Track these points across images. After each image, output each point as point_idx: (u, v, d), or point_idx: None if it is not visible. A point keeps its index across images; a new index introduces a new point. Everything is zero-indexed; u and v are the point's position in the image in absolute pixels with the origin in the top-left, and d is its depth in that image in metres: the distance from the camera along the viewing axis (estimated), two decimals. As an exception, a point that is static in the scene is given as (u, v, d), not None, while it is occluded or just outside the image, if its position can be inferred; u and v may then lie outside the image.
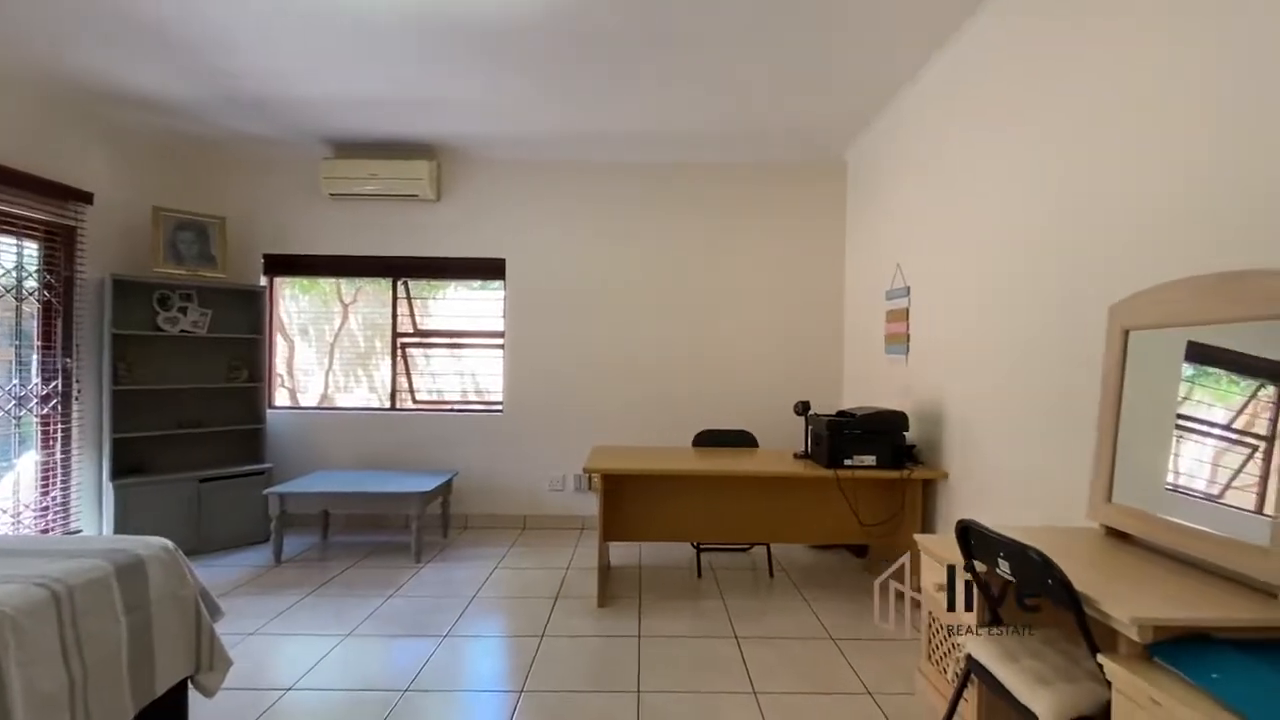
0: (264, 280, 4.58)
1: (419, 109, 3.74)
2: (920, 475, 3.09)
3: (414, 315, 4.76)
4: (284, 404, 4.73)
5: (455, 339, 4.76)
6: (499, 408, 4.67)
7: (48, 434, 3.54)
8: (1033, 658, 1.53)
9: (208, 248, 4.16)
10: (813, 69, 3.16)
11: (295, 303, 4.79)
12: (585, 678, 2.45)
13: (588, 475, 4.40)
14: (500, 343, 4.68)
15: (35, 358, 3.49)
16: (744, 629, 2.89)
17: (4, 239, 3.33)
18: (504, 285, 4.64)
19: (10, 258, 3.37)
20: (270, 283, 4.64)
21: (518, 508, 4.60)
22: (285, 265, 4.63)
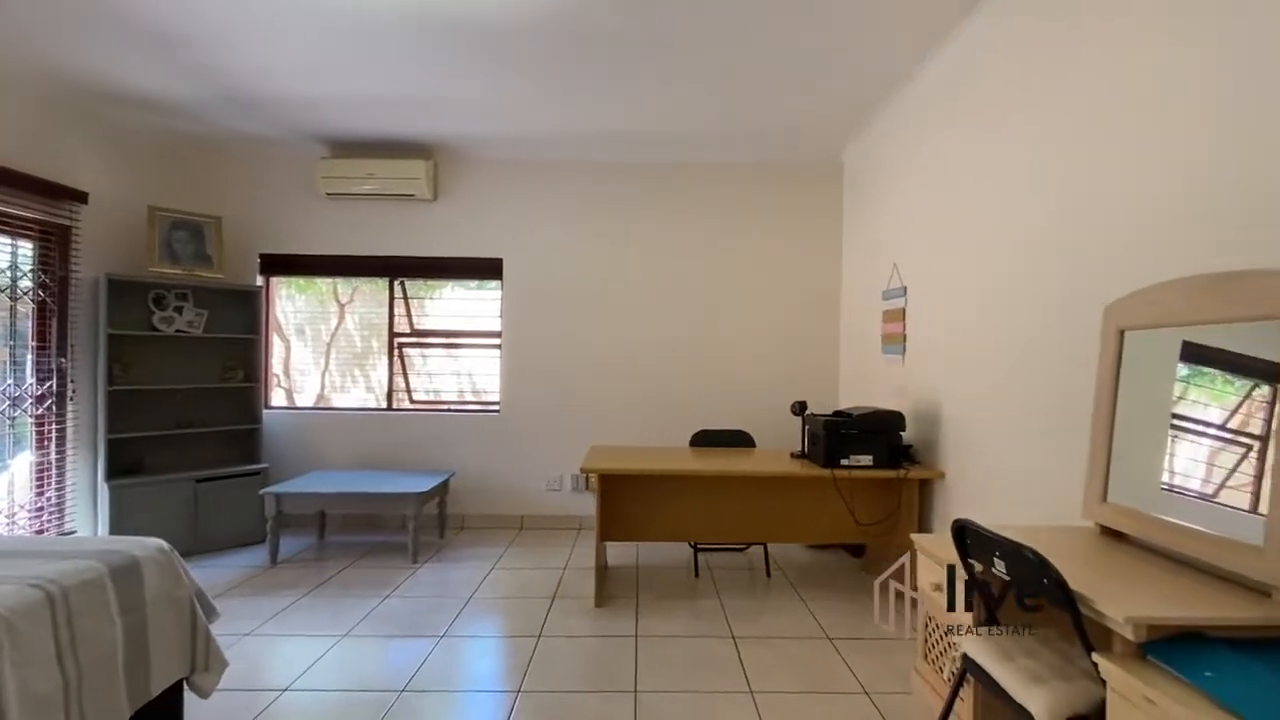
0: (260, 280, 4.57)
1: (418, 109, 3.74)
2: (917, 475, 3.10)
3: (411, 315, 4.75)
4: (280, 404, 4.72)
5: (452, 339, 4.76)
6: (496, 408, 4.67)
7: (42, 434, 3.53)
8: (1028, 656, 1.53)
9: (203, 247, 4.14)
10: (812, 69, 3.17)
11: (292, 302, 4.78)
12: (582, 678, 2.45)
13: (585, 475, 4.41)
14: (497, 343, 4.68)
15: (30, 358, 3.48)
16: (741, 629, 2.89)
17: (-2, 238, 3.32)
18: (501, 285, 4.64)
19: (4, 257, 3.35)
20: (266, 282, 4.63)
21: (515, 508, 4.60)
22: (282, 265, 4.62)
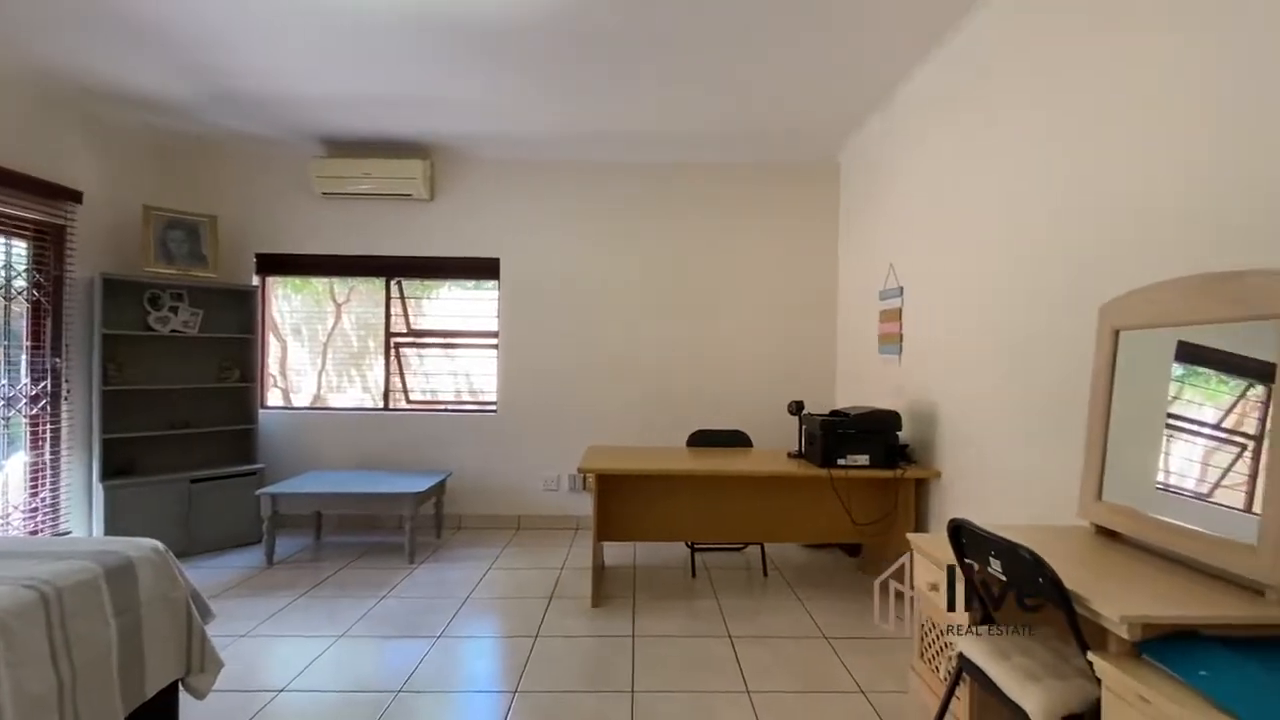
0: (256, 280, 4.56)
1: (417, 108, 3.73)
2: (913, 474, 3.10)
3: (407, 315, 4.74)
4: (276, 404, 4.70)
5: (449, 339, 4.75)
6: (493, 408, 4.66)
7: (37, 435, 3.51)
8: (1023, 655, 1.54)
9: (199, 247, 4.13)
10: (810, 69, 3.17)
11: (288, 302, 4.76)
12: (579, 678, 2.45)
13: (582, 475, 4.40)
14: (494, 343, 4.67)
15: (24, 358, 3.46)
16: (738, 628, 2.90)
17: (-8, 238, 3.31)
18: (498, 285, 4.63)
19: (-1, 257, 3.34)
20: (262, 282, 4.61)
21: (512, 508, 4.59)
22: (277, 265, 4.61)
